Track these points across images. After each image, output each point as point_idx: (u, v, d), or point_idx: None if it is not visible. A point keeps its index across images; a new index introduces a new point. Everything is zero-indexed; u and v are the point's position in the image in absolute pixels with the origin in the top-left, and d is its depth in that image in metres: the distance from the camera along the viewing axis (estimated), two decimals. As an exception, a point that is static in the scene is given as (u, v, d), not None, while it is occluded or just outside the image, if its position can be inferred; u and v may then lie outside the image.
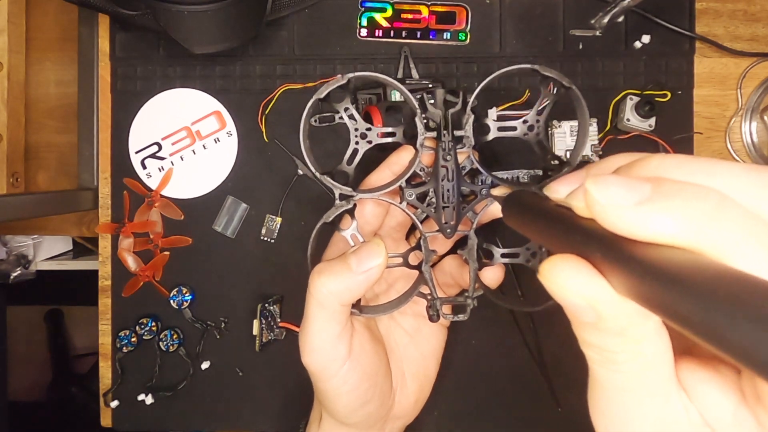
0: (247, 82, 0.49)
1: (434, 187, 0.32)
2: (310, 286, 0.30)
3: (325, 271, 0.30)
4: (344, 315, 0.31)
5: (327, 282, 0.30)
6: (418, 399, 0.39)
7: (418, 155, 0.33)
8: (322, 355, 0.31)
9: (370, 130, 0.33)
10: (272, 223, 0.48)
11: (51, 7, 0.55)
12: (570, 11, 0.48)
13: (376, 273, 0.30)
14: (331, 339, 0.31)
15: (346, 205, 0.33)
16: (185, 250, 0.49)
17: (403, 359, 0.38)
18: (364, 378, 0.33)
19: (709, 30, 0.48)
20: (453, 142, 0.32)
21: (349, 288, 0.30)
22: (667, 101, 0.47)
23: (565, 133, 0.47)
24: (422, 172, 0.33)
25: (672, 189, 0.15)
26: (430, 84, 0.47)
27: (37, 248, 0.86)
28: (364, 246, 0.30)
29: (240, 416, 0.49)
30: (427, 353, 0.39)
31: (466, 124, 0.32)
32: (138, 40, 0.49)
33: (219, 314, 0.49)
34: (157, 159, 0.49)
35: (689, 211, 0.14)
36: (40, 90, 0.55)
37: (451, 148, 0.32)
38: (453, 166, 0.32)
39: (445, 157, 0.32)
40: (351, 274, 0.29)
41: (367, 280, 0.30)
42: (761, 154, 0.48)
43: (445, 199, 0.32)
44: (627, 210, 0.14)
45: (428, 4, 0.48)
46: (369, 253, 0.30)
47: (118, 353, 0.49)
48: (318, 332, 0.31)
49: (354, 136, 0.33)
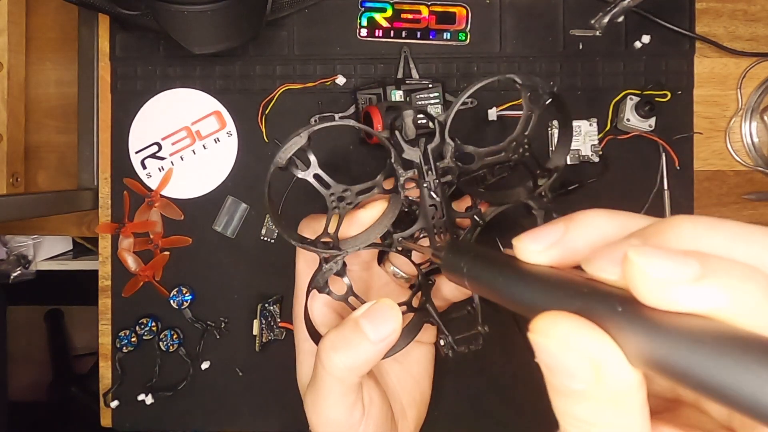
0: (247, 82, 0.49)
1: (425, 226, 0.30)
2: (325, 362, 0.27)
3: (340, 346, 0.27)
4: (359, 383, 0.29)
5: (344, 358, 0.27)
6: (418, 425, 0.38)
7: (399, 198, 0.30)
8: (339, 426, 0.30)
9: (347, 192, 0.30)
10: (272, 223, 0.48)
11: (51, 7, 0.55)
12: (570, 11, 0.48)
13: (395, 337, 0.27)
14: (347, 409, 0.29)
15: (335, 267, 0.30)
16: (185, 250, 0.49)
17: (399, 390, 0.36)
18: (377, 430, 0.31)
19: (709, 30, 0.48)
20: (438, 179, 0.30)
21: (368, 360, 0.27)
22: (667, 101, 0.47)
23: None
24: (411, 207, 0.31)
25: (722, 267, 0.14)
26: (430, 84, 0.47)
27: (37, 248, 0.86)
28: (376, 309, 0.27)
29: (240, 416, 0.49)
30: (419, 376, 0.38)
31: (447, 154, 0.30)
32: (138, 40, 0.49)
33: (219, 314, 0.49)
34: (157, 159, 0.49)
35: (742, 293, 0.14)
36: (40, 90, 0.55)
37: (436, 185, 0.30)
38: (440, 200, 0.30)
39: (431, 196, 0.30)
40: (369, 345, 0.26)
41: (387, 347, 0.27)
42: (761, 154, 0.48)
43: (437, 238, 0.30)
44: (679, 286, 0.14)
45: (428, 4, 0.48)
46: (384, 316, 0.27)
47: (118, 353, 0.49)
48: (333, 406, 0.29)
49: (331, 202, 0.30)
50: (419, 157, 0.30)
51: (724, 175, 0.49)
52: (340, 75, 0.48)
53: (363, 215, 0.30)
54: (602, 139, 0.47)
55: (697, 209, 0.48)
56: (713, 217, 0.16)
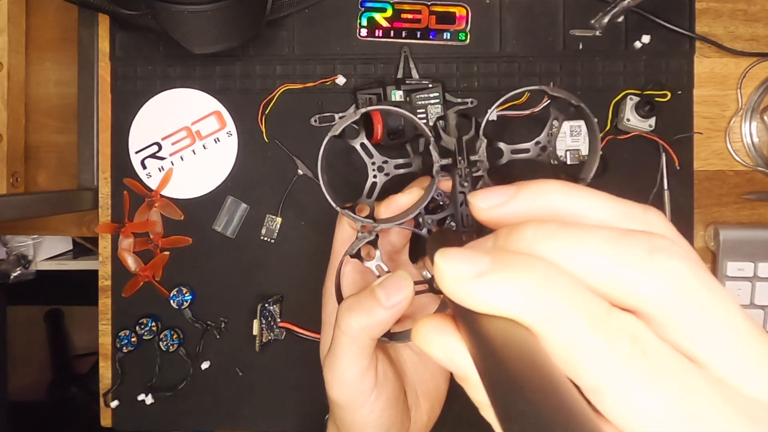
0: (247, 82, 0.49)
1: (453, 212, 0.33)
2: (341, 323, 0.31)
3: (355, 308, 0.30)
4: (372, 348, 0.32)
5: (358, 318, 0.30)
6: (431, 417, 0.39)
7: (434, 182, 0.33)
8: (352, 388, 0.32)
9: (386, 163, 0.34)
10: (272, 223, 0.48)
11: (51, 7, 0.55)
12: (570, 11, 0.48)
13: (406, 304, 0.30)
14: (360, 372, 0.31)
15: (369, 236, 0.33)
16: (185, 250, 0.49)
17: (415, 379, 0.38)
18: (388, 405, 0.33)
19: (709, 30, 0.48)
20: (469, 168, 0.32)
21: (379, 323, 0.30)
22: (667, 101, 0.47)
23: (565, 134, 0.47)
24: (439, 197, 0.34)
25: (506, 263, 0.15)
26: (430, 84, 0.47)
27: (37, 248, 0.86)
28: (390, 279, 0.30)
29: (240, 416, 0.49)
30: (436, 371, 0.39)
31: (479, 149, 0.33)
32: (138, 40, 0.49)
33: (219, 314, 0.49)
34: (157, 159, 0.49)
35: (518, 284, 0.14)
36: (40, 90, 0.55)
37: (467, 174, 0.32)
38: (470, 191, 0.32)
39: (462, 183, 0.32)
40: (381, 309, 0.29)
41: (398, 313, 0.30)
42: (761, 154, 0.48)
43: (464, 224, 0.32)
44: (465, 282, 0.15)
45: (428, 4, 0.48)
46: (397, 285, 0.30)
47: (118, 353, 0.49)
48: (347, 367, 0.31)
49: (371, 170, 0.34)
50: (454, 145, 0.33)
51: (724, 175, 0.49)
52: (340, 75, 0.48)
53: (401, 198, 0.34)
54: (602, 139, 0.47)
55: (697, 209, 0.48)
56: (569, 224, 0.16)
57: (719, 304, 0.15)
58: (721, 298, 0.15)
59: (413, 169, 0.34)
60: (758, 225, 0.48)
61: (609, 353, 0.14)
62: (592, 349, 0.14)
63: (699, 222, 0.48)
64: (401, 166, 0.34)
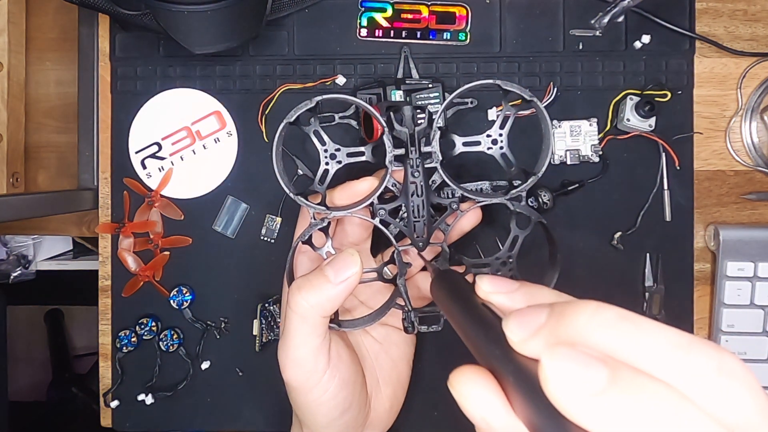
0: (247, 82, 0.49)
1: (405, 202, 0.33)
2: (291, 302, 0.31)
3: (305, 286, 0.31)
4: (324, 327, 0.32)
5: (307, 296, 0.30)
6: (393, 405, 0.39)
7: (388, 172, 0.33)
8: (304, 367, 0.32)
9: (338, 151, 0.35)
10: (272, 223, 0.48)
11: (51, 7, 0.55)
12: (570, 11, 0.48)
13: (354, 281, 0.30)
14: (312, 351, 0.32)
15: (321, 223, 0.34)
16: (185, 250, 0.49)
17: (375, 366, 0.38)
18: (342, 386, 0.33)
19: (709, 30, 0.48)
20: (420, 159, 0.33)
21: (329, 299, 0.30)
22: (667, 101, 0.47)
23: (565, 133, 0.47)
24: (394, 188, 0.34)
25: (629, 385, 0.14)
26: (430, 84, 0.47)
27: (37, 248, 0.86)
28: (338, 257, 0.31)
29: (240, 416, 0.49)
30: (398, 358, 0.40)
31: (432, 140, 0.33)
32: (138, 40, 0.49)
33: (219, 314, 0.49)
34: (157, 159, 0.49)
35: (643, 414, 0.14)
36: (40, 90, 0.55)
37: (419, 164, 0.33)
38: (422, 181, 0.33)
39: (413, 173, 0.33)
40: (330, 286, 0.30)
41: (346, 290, 0.30)
42: (761, 154, 0.48)
43: (415, 214, 0.33)
44: (584, 398, 0.14)
45: (428, 4, 0.48)
46: (345, 262, 0.30)
47: (118, 353, 0.49)
48: (299, 346, 0.32)
49: (324, 157, 0.34)
50: (407, 135, 0.33)
51: (724, 175, 0.49)
52: (340, 75, 0.48)
53: (359, 184, 0.34)
54: (602, 139, 0.47)
55: (697, 209, 0.48)
56: (625, 314, 0.16)
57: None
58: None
59: (366, 158, 0.35)
60: (758, 225, 0.48)
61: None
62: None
63: (699, 222, 0.48)
64: (354, 154, 0.35)
